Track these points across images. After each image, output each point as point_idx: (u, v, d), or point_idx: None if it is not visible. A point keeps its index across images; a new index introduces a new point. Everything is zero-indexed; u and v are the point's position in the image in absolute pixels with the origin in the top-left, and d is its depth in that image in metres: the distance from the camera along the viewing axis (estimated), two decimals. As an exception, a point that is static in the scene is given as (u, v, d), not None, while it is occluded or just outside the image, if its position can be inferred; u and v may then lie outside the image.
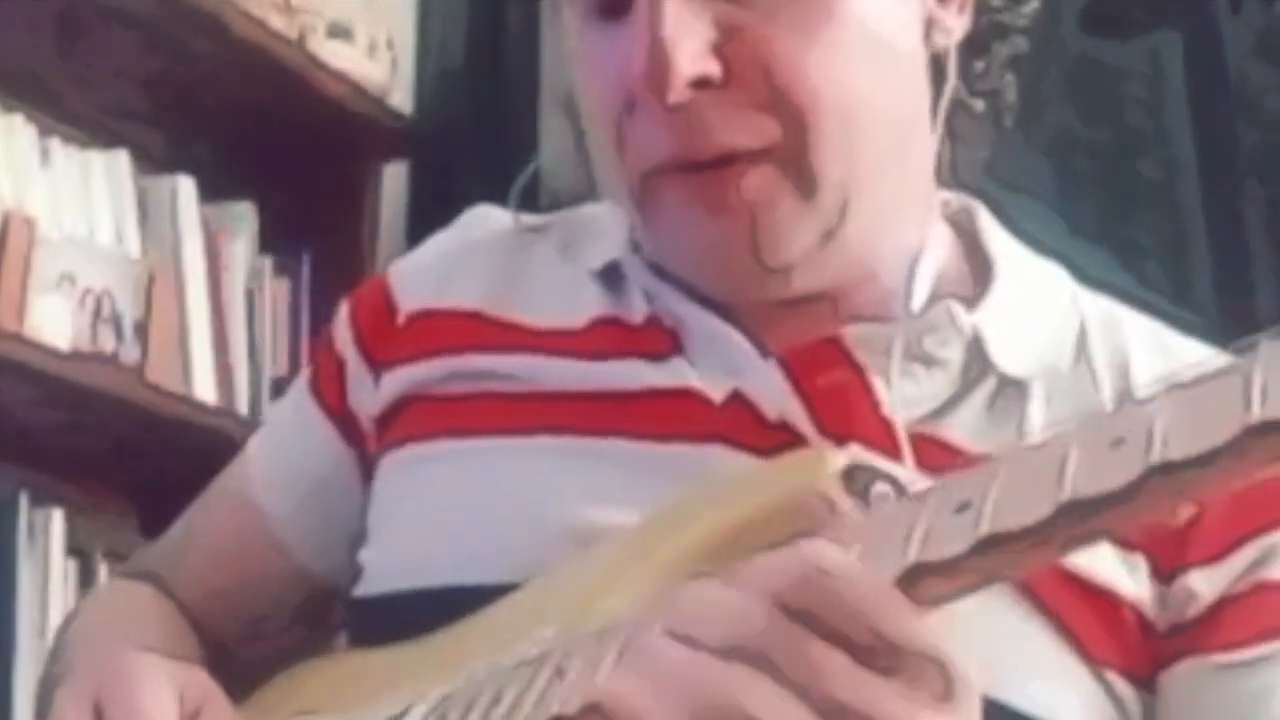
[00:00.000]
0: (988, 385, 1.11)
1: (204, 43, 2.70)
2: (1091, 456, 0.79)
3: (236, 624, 1.28)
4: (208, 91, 2.79)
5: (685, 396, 1.11)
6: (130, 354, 2.56)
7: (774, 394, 1.09)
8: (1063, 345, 1.13)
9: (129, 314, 2.57)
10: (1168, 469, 0.76)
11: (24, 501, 2.43)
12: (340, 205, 2.91)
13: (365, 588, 1.17)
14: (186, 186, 2.74)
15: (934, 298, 1.12)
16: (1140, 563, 1.07)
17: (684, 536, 1.00)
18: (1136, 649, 1.06)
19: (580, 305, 1.17)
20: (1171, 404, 0.79)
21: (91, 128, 2.73)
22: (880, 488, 0.95)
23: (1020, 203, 1.29)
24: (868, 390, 1.09)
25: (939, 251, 1.16)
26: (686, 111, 1.06)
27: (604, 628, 0.93)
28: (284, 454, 1.29)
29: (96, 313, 2.52)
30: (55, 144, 2.61)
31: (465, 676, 1.00)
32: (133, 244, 2.65)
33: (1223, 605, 1.06)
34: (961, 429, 1.09)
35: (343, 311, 1.28)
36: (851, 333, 1.11)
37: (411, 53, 3.10)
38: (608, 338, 1.15)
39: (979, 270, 1.16)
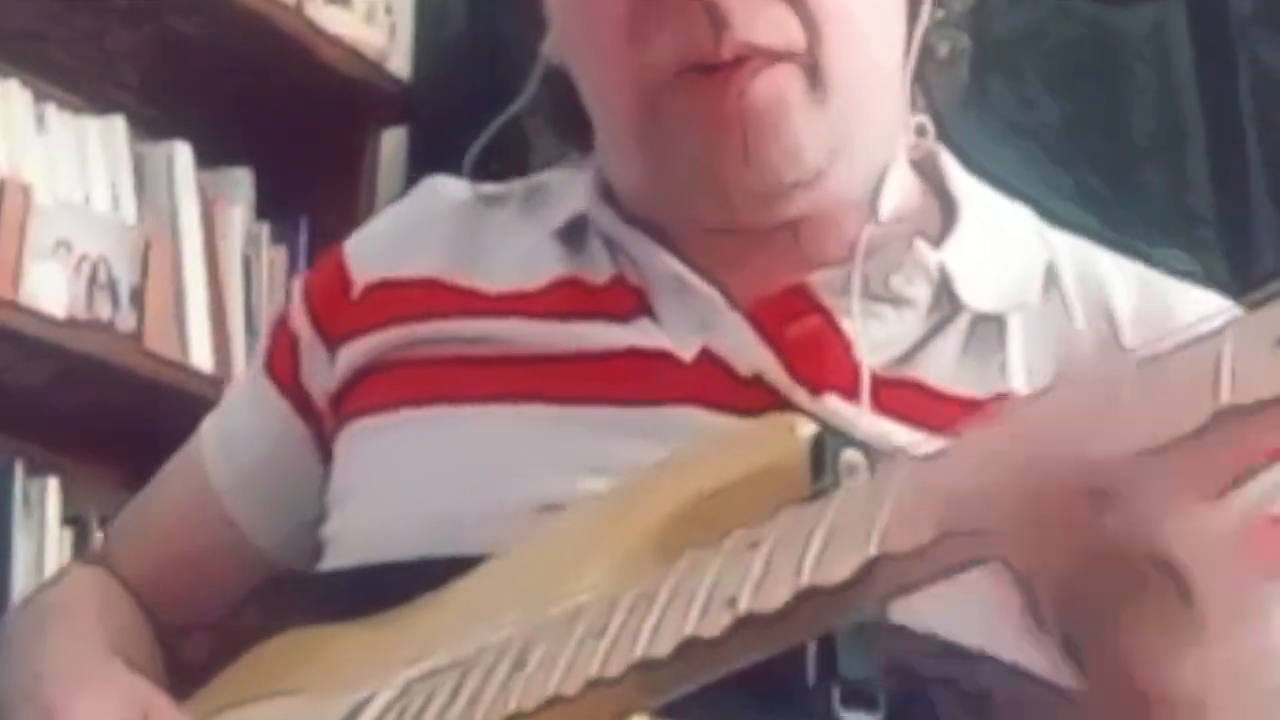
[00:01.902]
0: (960, 323, 1.09)
1: (202, 8, 2.68)
2: None
3: (188, 603, 1.27)
4: (205, 57, 2.77)
5: (654, 357, 1.09)
6: (126, 321, 2.54)
7: (744, 348, 1.07)
8: (1031, 279, 1.12)
9: (125, 281, 2.55)
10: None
11: (19, 470, 2.43)
12: (338, 171, 2.90)
13: (331, 561, 1.16)
14: (183, 153, 2.73)
15: (898, 236, 1.10)
16: None
17: (650, 513, 0.98)
18: None
19: (539, 267, 1.15)
20: (1140, 382, 0.75)
21: (88, 93, 2.72)
22: (850, 455, 0.93)
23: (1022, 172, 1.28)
24: (839, 334, 1.08)
25: (903, 185, 1.15)
26: (712, 4, 1.04)
27: (567, 614, 0.91)
28: (235, 429, 1.28)
29: (92, 280, 2.51)
30: (51, 110, 2.60)
31: (430, 661, 0.98)
32: (129, 210, 2.64)
33: None
34: (936, 369, 1.07)
35: (297, 289, 1.26)
36: (819, 278, 1.09)
37: (410, 17, 3.08)
38: (569, 299, 1.13)
39: (944, 211, 1.15)
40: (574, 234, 1.15)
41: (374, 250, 1.23)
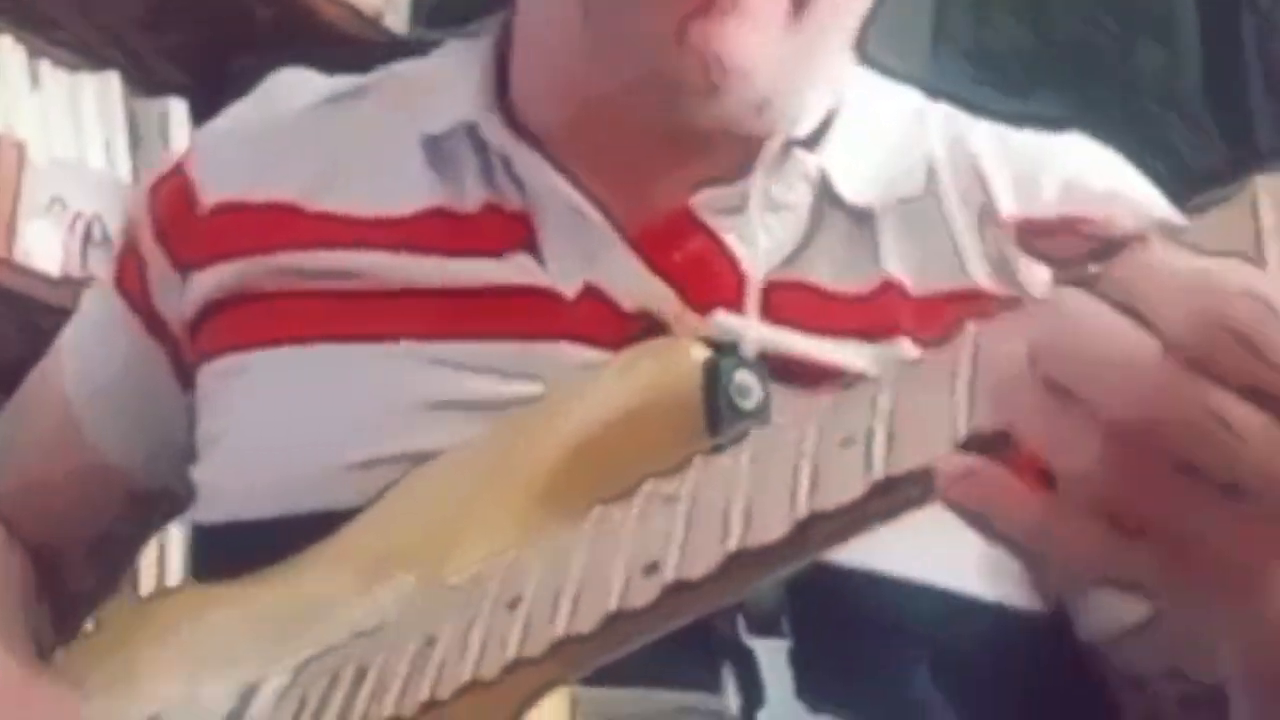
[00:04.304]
0: (839, 219, 1.06)
1: (197, -37, 2.68)
2: (827, 459, 0.73)
3: (54, 522, 1.21)
4: (201, 13, 2.76)
5: (532, 294, 1.04)
6: (121, 279, 2.53)
7: (632, 279, 1.03)
8: (911, 167, 1.09)
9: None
10: (890, 485, 0.69)
11: (14, 429, 2.42)
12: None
13: (205, 513, 1.10)
14: (178, 109, 2.72)
15: (778, 144, 1.06)
16: None
17: (540, 454, 0.93)
18: None
19: (406, 190, 1.08)
20: (896, 393, 0.71)
21: (82, 50, 2.70)
22: (743, 377, 0.90)
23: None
24: (724, 252, 1.04)
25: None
26: None
27: (470, 582, 0.86)
28: (90, 344, 1.22)
29: (87, 238, 2.50)
30: (45, 66, 2.59)
31: (323, 637, 0.92)
32: (124, 167, 2.63)
33: None
34: (821, 267, 1.05)
35: (141, 203, 1.19)
36: (700, 200, 1.05)
37: (407, -26, 3.07)
38: (437, 231, 1.07)
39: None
40: (444, 147, 1.08)
41: (223, 163, 1.15)
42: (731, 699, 0.89)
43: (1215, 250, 0.63)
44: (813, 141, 1.07)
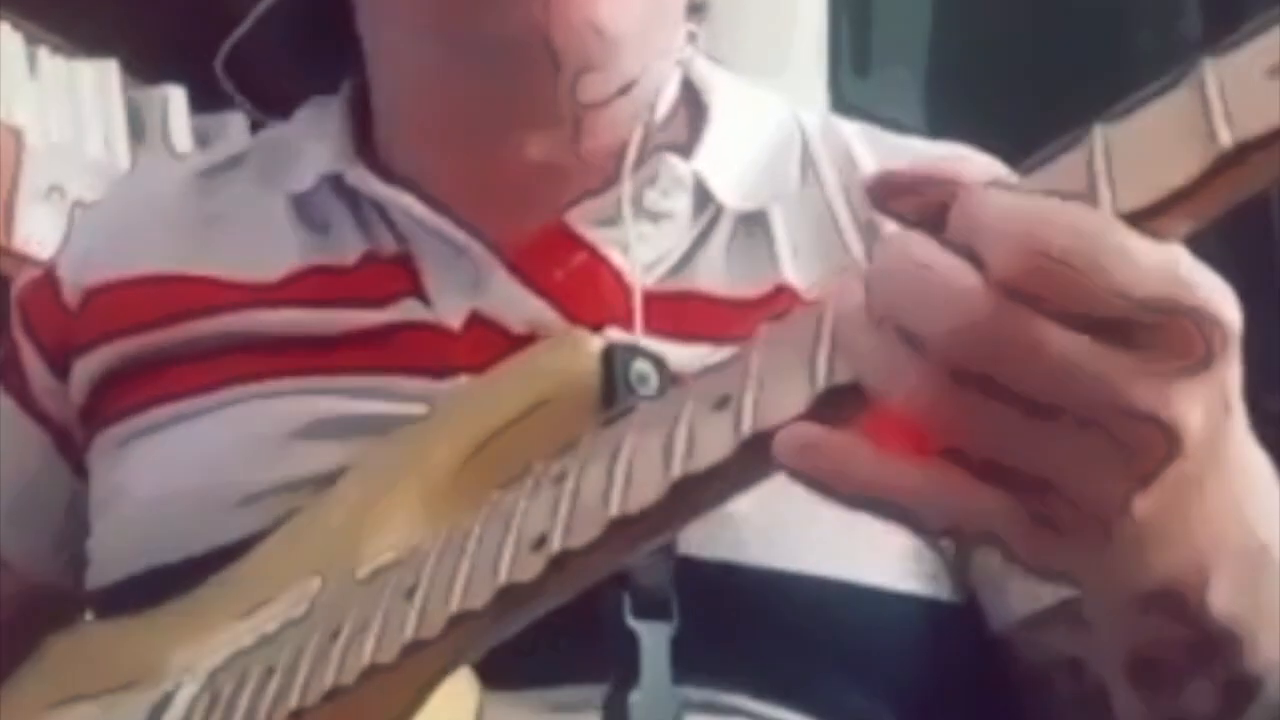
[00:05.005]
0: (724, 226, 1.07)
1: (195, -50, 2.67)
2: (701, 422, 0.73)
3: None
4: (198, 1, 2.75)
5: (420, 329, 1.04)
6: (120, 267, 2.53)
7: (515, 303, 1.04)
8: (788, 166, 1.10)
9: (119, 226, 2.54)
10: (758, 442, 0.69)
11: (13, 416, 2.41)
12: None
13: (98, 577, 1.09)
14: (177, 96, 2.71)
15: (648, 151, 1.07)
16: None
17: (444, 450, 0.94)
18: None
19: (280, 252, 1.09)
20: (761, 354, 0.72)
21: (80, 37, 2.70)
22: (640, 366, 0.91)
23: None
24: (607, 265, 1.05)
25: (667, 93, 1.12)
26: None
27: (374, 573, 0.88)
28: None
29: (85, 225, 2.50)
30: (43, 53, 2.59)
31: (232, 646, 0.93)
32: (123, 155, 2.62)
33: None
34: (708, 275, 1.05)
35: (14, 312, 1.18)
36: (575, 214, 1.06)
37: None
38: (319, 288, 1.07)
39: (692, 114, 1.12)
40: (315, 206, 1.09)
41: (88, 252, 1.16)
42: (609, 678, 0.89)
43: (1051, 193, 0.63)
44: (686, 149, 1.08)
